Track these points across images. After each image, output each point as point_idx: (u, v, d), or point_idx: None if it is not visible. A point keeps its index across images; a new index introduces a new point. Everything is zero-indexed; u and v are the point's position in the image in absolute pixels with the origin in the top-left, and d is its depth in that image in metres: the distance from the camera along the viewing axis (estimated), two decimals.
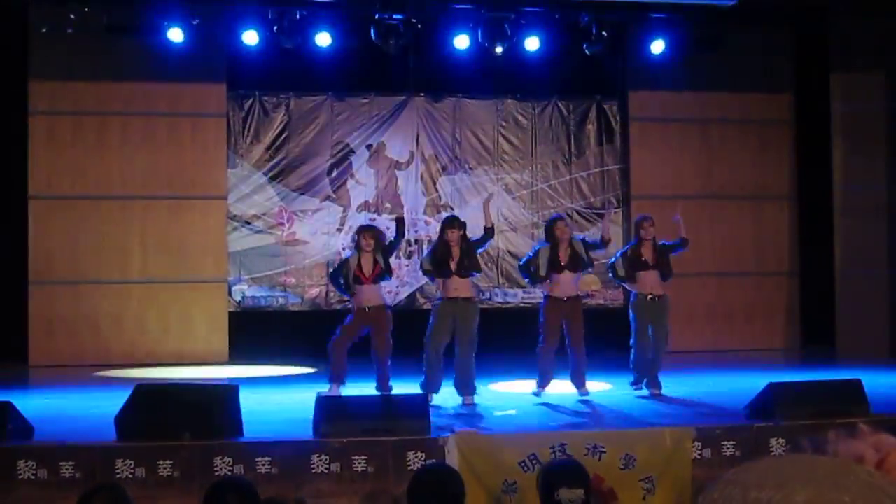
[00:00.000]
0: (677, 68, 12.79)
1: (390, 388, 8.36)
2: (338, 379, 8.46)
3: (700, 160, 13.25)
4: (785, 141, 13.39)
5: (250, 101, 12.65)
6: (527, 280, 9.44)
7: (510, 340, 12.29)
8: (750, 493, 0.96)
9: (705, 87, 13.13)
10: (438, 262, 8.47)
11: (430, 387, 8.31)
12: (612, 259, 9.37)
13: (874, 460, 1.11)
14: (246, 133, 12.65)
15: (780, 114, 13.37)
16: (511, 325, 12.71)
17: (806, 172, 13.30)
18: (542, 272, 8.68)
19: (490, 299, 12.85)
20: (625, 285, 9.47)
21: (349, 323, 8.59)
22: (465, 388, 8.34)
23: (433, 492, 3.63)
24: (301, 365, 11.34)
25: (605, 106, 13.37)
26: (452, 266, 8.41)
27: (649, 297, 8.97)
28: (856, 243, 12.66)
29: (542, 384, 8.67)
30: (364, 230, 8.79)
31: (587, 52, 11.75)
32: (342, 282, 8.70)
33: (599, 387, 9.26)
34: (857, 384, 7.24)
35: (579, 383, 8.68)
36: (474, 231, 12.90)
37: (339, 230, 12.81)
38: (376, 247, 8.58)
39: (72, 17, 11.42)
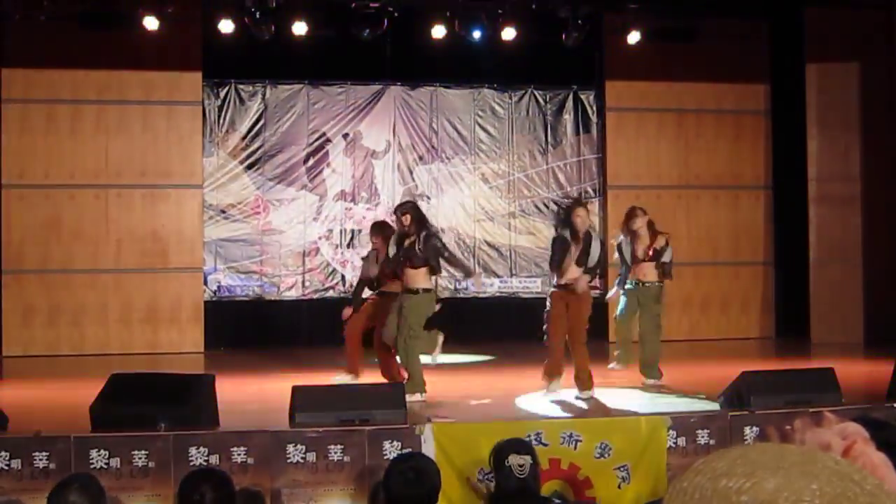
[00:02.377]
0: (654, 58, 12.84)
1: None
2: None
3: (676, 150, 13.30)
4: (761, 131, 13.46)
5: (226, 89, 12.59)
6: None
7: (486, 330, 12.33)
8: (719, 481, 0.97)
9: (681, 78, 13.17)
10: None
11: (422, 386, 7.97)
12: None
13: (840, 448, 1.12)
14: (222, 121, 12.59)
15: (756, 104, 13.43)
16: (487, 316, 12.75)
17: (781, 162, 13.38)
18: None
19: (466, 289, 12.86)
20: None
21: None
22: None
23: (409, 480, 3.64)
24: (276, 354, 11.31)
25: (581, 96, 13.39)
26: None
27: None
28: (831, 233, 12.75)
29: None
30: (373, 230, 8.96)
31: (564, 41, 11.77)
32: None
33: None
34: (830, 373, 7.29)
35: None
36: (451, 220, 12.97)
37: (316, 219, 12.78)
38: (384, 242, 8.46)
39: (45, 3, 11.32)
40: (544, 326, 8.19)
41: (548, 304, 8.20)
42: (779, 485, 0.95)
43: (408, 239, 7.98)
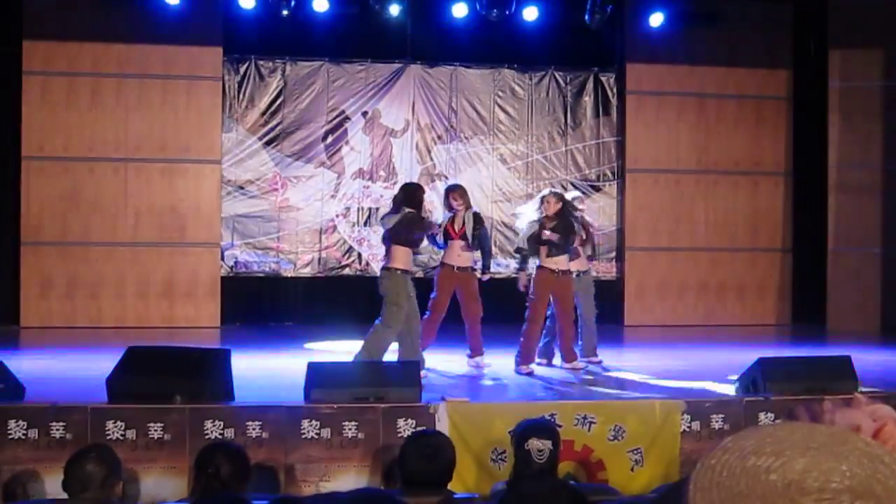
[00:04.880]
0: (675, 42, 12.77)
1: (483, 353, 8.56)
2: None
3: (696, 135, 13.23)
4: (781, 117, 13.37)
5: (246, 65, 12.58)
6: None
7: (500, 311, 12.31)
8: (748, 460, 0.96)
9: (703, 62, 13.09)
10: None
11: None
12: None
13: (871, 430, 1.11)
14: (241, 97, 12.59)
15: (778, 90, 13.34)
16: (502, 296, 12.73)
17: (802, 149, 13.29)
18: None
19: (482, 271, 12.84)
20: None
21: (438, 292, 8.60)
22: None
23: (425, 457, 3.65)
24: (293, 330, 11.35)
25: (602, 78, 13.32)
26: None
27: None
28: (849, 221, 12.68)
29: None
30: (453, 189, 8.91)
31: (586, 23, 11.72)
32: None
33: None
34: (847, 360, 7.26)
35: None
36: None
37: (333, 197, 12.79)
38: (467, 207, 8.71)
39: None
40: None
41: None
42: (808, 465, 0.95)
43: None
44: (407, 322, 8.01)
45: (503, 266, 13.05)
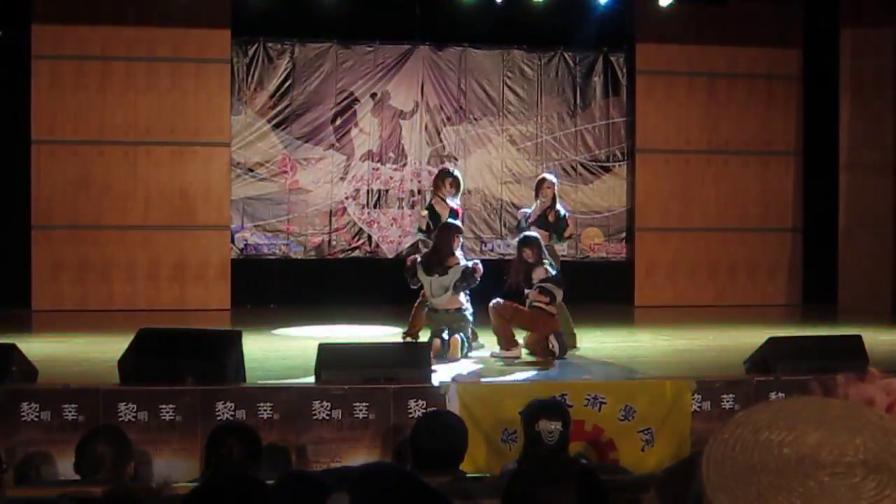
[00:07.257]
0: (685, 21, 12.70)
1: None
2: None
3: (706, 114, 13.17)
4: (792, 96, 13.31)
5: (254, 47, 12.56)
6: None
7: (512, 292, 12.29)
8: (761, 434, 0.96)
9: (713, 41, 13.02)
10: None
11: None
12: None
13: (884, 403, 1.11)
14: (250, 80, 12.57)
15: (789, 69, 13.27)
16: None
17: (813, 128, 13.23)
18: None
19: (492, 250, 12.85)
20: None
21: None
22: None
23: (437, 436, 3.66)
24: (303, 312, 11.36)
25: (611, 58, 13.27)
26: None
27: None
28: (860, 200, 12.63)
29: None
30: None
31: (595, 2, 11.67)
32: None
33: (600, 339, 9.29)
34: (858, 340, 7.24)
35: None
36: (478, 182, 12.95)
37: (342, 179, 12.79)
38: None
39: None
40: None
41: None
42: (821, 438, 0.94)
43: None
44: None
45: (513, 247, 13.02)
